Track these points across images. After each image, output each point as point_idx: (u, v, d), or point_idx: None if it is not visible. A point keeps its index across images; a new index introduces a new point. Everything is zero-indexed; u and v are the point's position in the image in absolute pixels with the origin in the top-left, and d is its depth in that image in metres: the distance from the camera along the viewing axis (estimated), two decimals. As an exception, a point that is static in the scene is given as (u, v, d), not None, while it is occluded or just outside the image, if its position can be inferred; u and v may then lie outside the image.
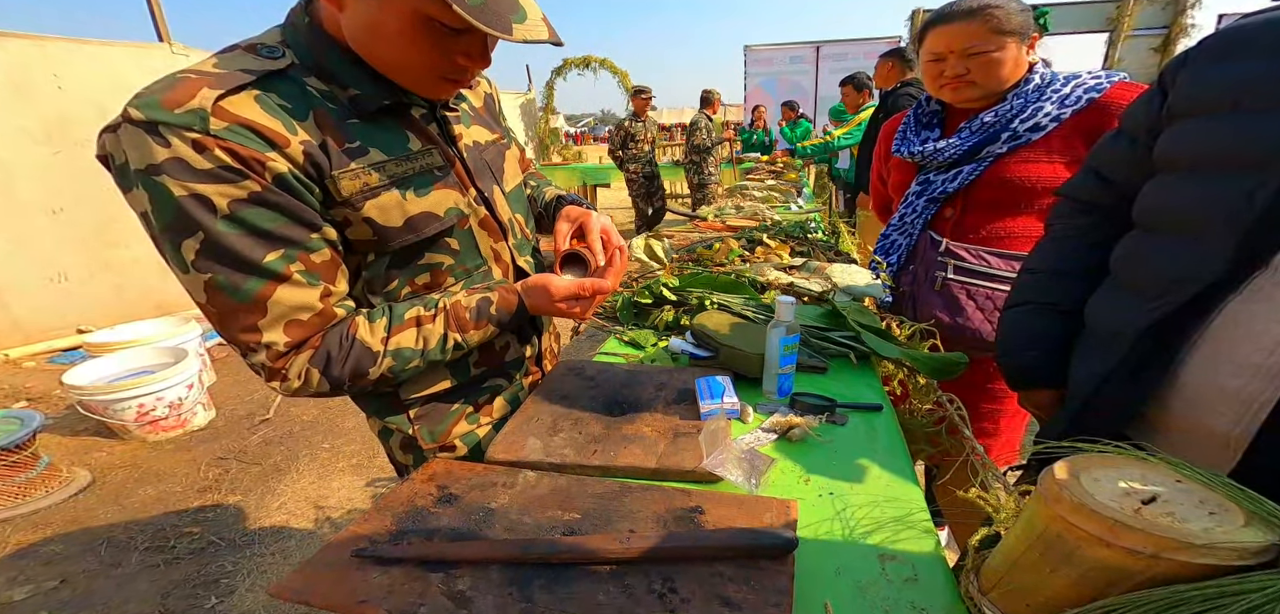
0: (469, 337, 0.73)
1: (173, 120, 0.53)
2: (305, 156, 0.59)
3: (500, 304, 0.74)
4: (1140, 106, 0.74)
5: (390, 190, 0.64)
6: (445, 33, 0.59)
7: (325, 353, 0.65)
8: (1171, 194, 0.65)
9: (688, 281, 1.15)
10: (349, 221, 0.64)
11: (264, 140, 0.56)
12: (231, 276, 0.58)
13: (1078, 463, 0.44)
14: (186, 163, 0.53)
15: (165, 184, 0.53)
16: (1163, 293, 0.62)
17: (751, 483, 0.65)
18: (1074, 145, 1.07)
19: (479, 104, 0.85)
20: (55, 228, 3.53)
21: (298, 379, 0.65)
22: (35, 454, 2.20)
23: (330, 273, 0.64)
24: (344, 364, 0.66)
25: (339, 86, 0.63)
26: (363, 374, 0.67)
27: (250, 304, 0.60)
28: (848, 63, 8.45)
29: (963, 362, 0.88)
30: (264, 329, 0.61)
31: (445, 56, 0.61)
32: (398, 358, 0.69)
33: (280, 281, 0.60)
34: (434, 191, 0.68)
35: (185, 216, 0.55)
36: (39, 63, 3.45)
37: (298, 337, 0.63)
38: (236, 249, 0.57)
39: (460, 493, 0.64)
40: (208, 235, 0.56)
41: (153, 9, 3.86)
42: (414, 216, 0.67)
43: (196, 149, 0.53)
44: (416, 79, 0.63)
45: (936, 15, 1.15)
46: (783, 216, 2.06)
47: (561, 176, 7.15)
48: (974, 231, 1.17)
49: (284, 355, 0.63)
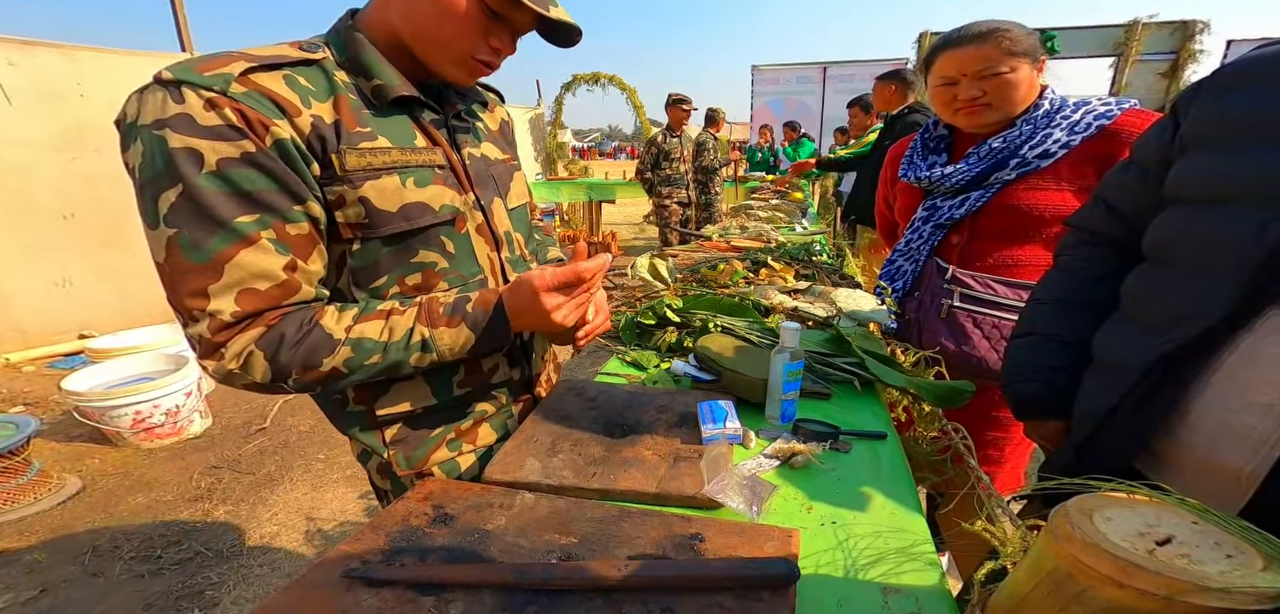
0: (438, 335, 0.67)
1: (198, 81, 0.56)
2: (312, 128, 0.61)
3: (478, 301, 0.69)
4: (1152, 136, 0.74)
5: (391, 175, 0.66)
6: (487, 16, 0.65)
7: (278, 335, 0.61)
8: (1182, 227, 0.64)
9: (691, 303, 1.14)
10: (344, 200, 0.64)
11: (275, 106, 0.59)
12: (195, 233, 0.56)
13: (1090, 501, 0.42)
14: (193, 118, 0.55)
15: (164, 136, 0.55)
16: (1172, 327, 0.61)
17: (753, 510, 0.64)
18: (1083, 173, 1.07)
19: (495, 127, 0.87)
20: (65, 233, 3.57)
21: (235, 360, 0.60)
22: (27, 460, 2.18)
23: (304, 248, 0.62)
24: (295, 348, 0.61)
25: (365, 78, 0.67)
26: (314, 365, 0.62)
27: (206, 264, 0.57)
28: (854, 84, 8.58)
29: (969, 390, 0.87)
30: (214, 294, 0.58)
31: (482, 38, 0.66)
32: (357, 348, 0.64)
33: (246, 244, 0.58)
34: (433, 187, 0.69)
35: (172, 167, 0.55)
36: (65, 72, 3.54)
37: (249, 307, 0.59)
38: (210, 205, 0.56)
39: (456, 513, 0.63)
40: (187, 187, 0.55)
41: (177, 19, 3.95)
42: (409, 204, 0.67)
43: (208, 107, 0.55)
44: (452, 58, 0.67)
45: (946, 39, 1.16)
46: (787, 238, 2.07)
47: (567, 191, 7.20)
48: (980, 259, 1.16)
49: (227, 328, 0.59)
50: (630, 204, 9.89)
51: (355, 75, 0.67)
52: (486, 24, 0.66)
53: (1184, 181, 0.65)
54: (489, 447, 0.82)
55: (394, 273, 0.70)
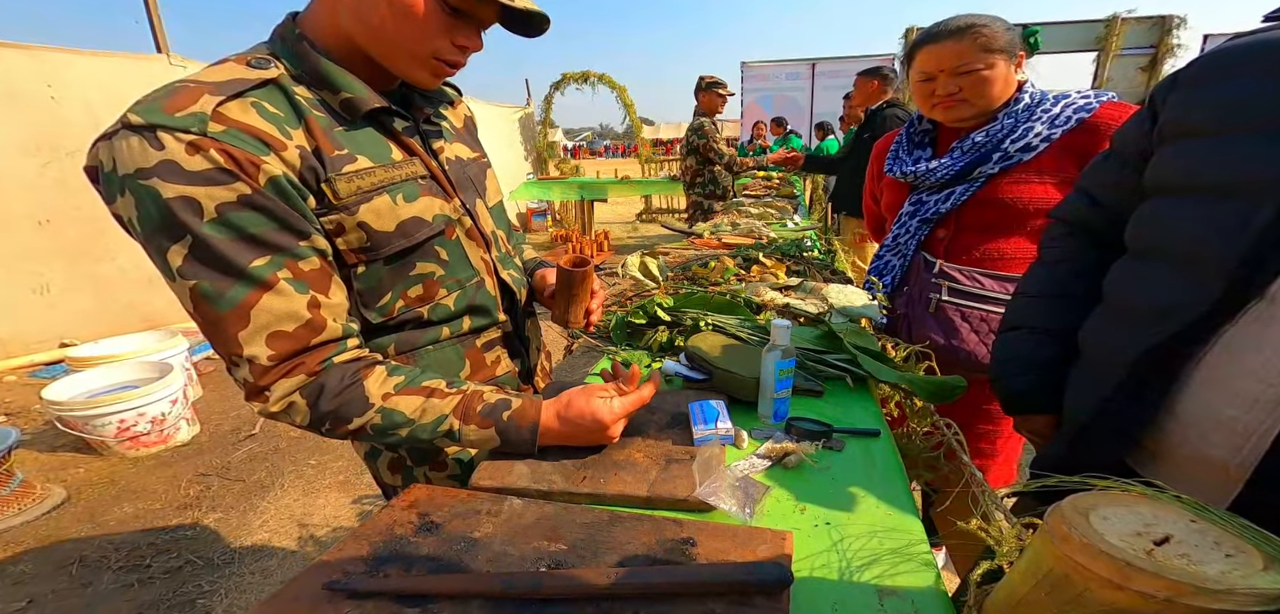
0: (468, 430, 0.67)
1: (172, 124, 0.53)
2: (301, 160, 0.59)
3: (515, 413, 0.68)
4: (1131, 128, 0.74)
5: (382, 194, 0.64)
6: (447, 12, 0.61)
7: (320, 386, 0.62)
8: (1163, 219, 0.64)
9: (682, 302, 1.13)
10: (343, 228, 0.63)
11: (260, 142, 0.56)
12: (216, 283, 0.56)
13: (1086, 500, 0.42)
14: (178, 165, 0.53)
15: (154, 187, 0.52)
16: (1156, 321, 0.61)
17: (745, 512, 0.63)
18: (1065, 165, 1.07)
19: (459, 124, 0.85)
20: (41, 239, 3.48)
21: (279, 404, 0.61)
22: (9, 471, 2.14)
23: (321, 282, 0.61)
24: (334, 399, 0.62)
25: (330, 92, 0.63)
26: (345, 420, 0.63)
27: (232, 313, 0.57)
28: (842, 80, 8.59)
29: (960, 385, 0.86)
30: (246, 342, 0.58)
31: (445, 37, 0.63)
32: (386, 419, 0.64)
33: (265, 289, 0.58)
34: (421, 198, 0.68)
35: (172, 220, 0.53)
36: (33, 73, 3.43)
37: (281, 350, 0.60)
38: (222, 253, 0.55)
39: (442, 521, 0.61)
40: (195, 239, 0.54)
41: (152, 20, 3.87)
42: (405, 221, 0.66)
43: (191, 151, 0.53)
44: (415, 60, 0.64)
45: (925, 35, 1.16)
46: (778, 234, 2.06)
47: (558, 190, 7.16)
48: (967, 253, 1.17)
49: (268, 371, 0.60)
50: (622, 202, 9.88)
51: (317, 89, 0.63)
52: (448, 22, 0.62)
53: (1164, 173, 0.65)
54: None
55: (397, 289, 0.70)
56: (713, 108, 3.80)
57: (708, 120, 3.78)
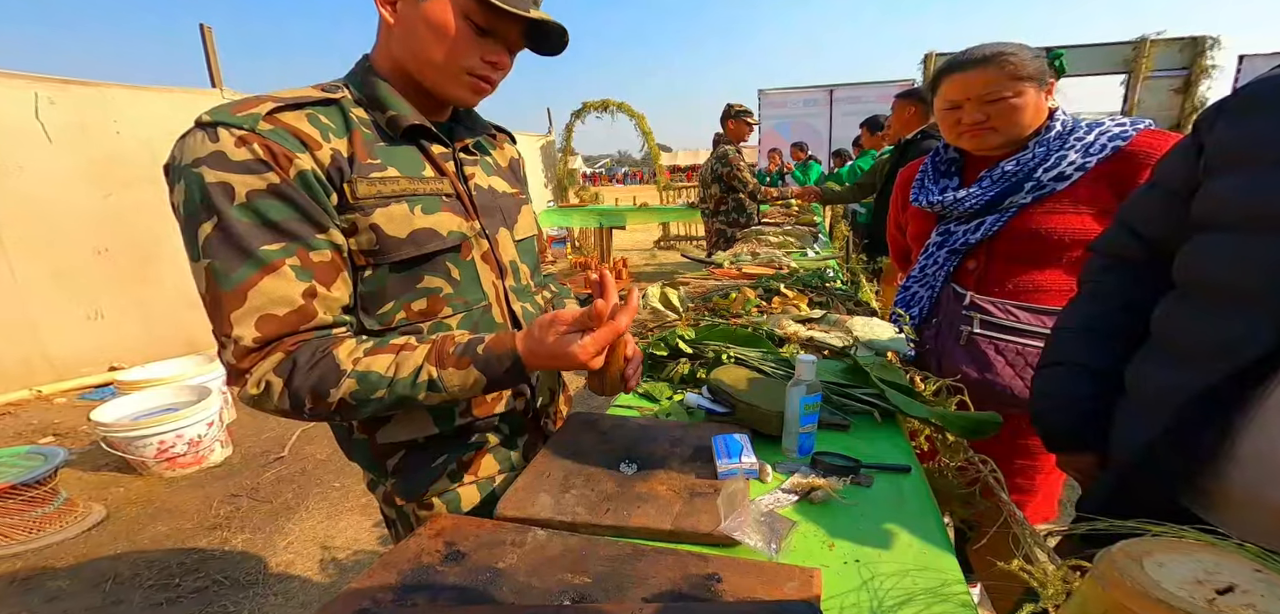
0: (447, 375, 0.65)
1: (230, 121, 0.61)
2: (331, 160, 0.65)
3: (492, 344, 0.67)
4: (1175, 159, 0.72)
5: (400, 202, 0.69)
6: (475, 31, 0.69)
7: (292, 361, 0.63)
8: (1214, 255, 0.62)
9: (704, 334, 1.13)
10: (356, 228, 0.67)
11: (298, 141, 0.63)
12: (226, 262, 0.60)
13: (1139, 546, 0.40)
14: (225, 154, 0.60)
15: (201, 173, 0.59)
16: (1210, 361, 0.59)
17: (771, 548, 0.61)
18: (1101, 195, 1.04)
19: (504, 163, 0.90)
20: (98, 267, 3.70)
21: (257, 386, 0.62)
22: (54, 490, 2.23)
23: (326, 274, 0.65)
24: (307, 375, 0.62)
25: (379, 111, 0.71)
26: (324, 395, 0.63)
27: (232, 292, 0.61)
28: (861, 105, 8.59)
29: (996, 422, 0.84)
30: (237, 322, 0.61)
31: (474, 54, 0.70)
32: (363, 382, 0.63)
33: (268, 271, 0.61)
34: (440, 213, 0.72)
35: (208, 201, 0.59)
36: (100, 109, 3.70)
37: (267, 333, 0.62)
38: (240, 235, 0.60)
39: (468, 550, 0.62)
40: (221, 220, 0.60)
41: (208, 57, 4.15)
42: (418, 230, 0.70)
43: (239, 143, 0.60)
44: (451, 76, 0.70)
45: (950, 63, 1.16)
46: (799, 264, 2.05)
47: (578, 218, 7.28)
48: (1000, 285, 1.14)
49: (250, 353, 0.62)
50: (641, 230, 9.97)
51: (371, 110, 0.71)
52: (477, 40, 0.70)
53: (1214, 207, 0.63)
54: (491, 477, 0.82)
55: (400, 299, 0.71)
56: (739, 136, 3.81)
57: (733, 148, 3.77)
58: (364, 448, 0.78)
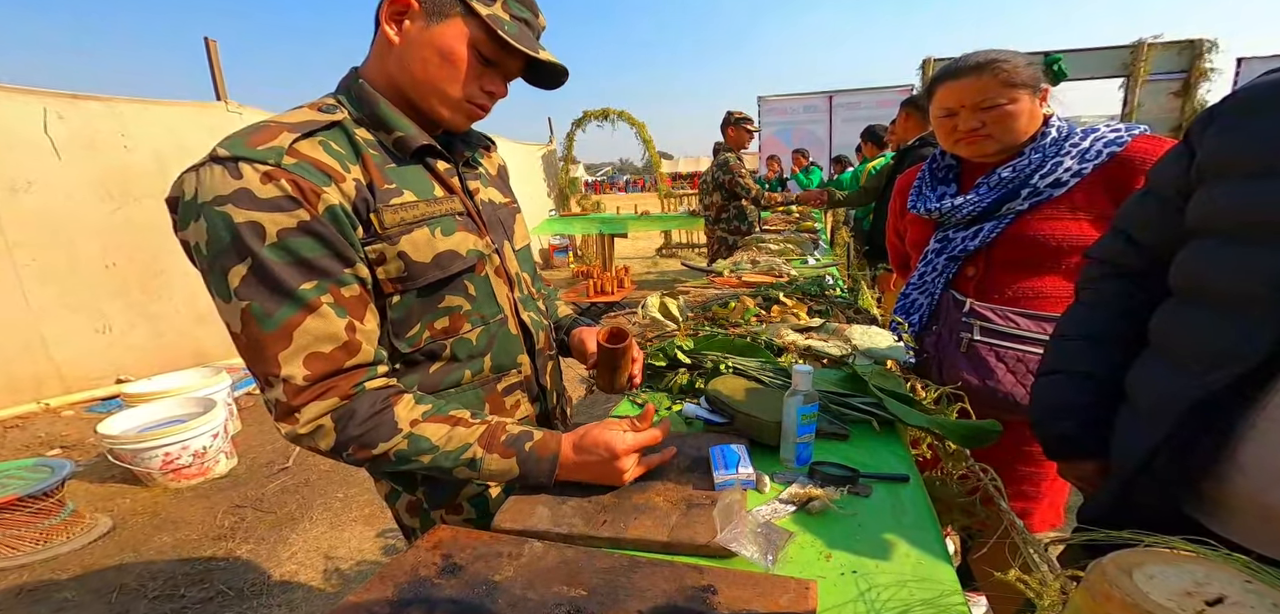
0: (489, 460, 0.69)
1: (252, 156, 0.60)
2: (356, 192, 0.65)
3: (537, 445, 0.70)
4: (1168, 165, 0.72)
5: (422, 227, 0.69)
6: (481, 62, 0.70)
7: (350, 412, 0.64)
8: (1210, 262, 0.62)
9: (702, 344, 1.13)
10: (384, 257, 0.67)
11: (323, 174, 0.63)
12: (265, 304, 0.60)
13: (1130, 557, 0.40)
14: (252, 192, 0.58)
15: (227, 213, 0.58)
16: (1208, 368, 0.59)
17: (768, 559, 0.61)
18: (1098, 201, 1.05)
19: (493, 171, 0.91)
20: (107, 281, 3.73)
21: (309, 425, 0.63)
22: (61, 501, 2.25)
23: (357, 309, 0.65)
24: (363, 424, 0.64)
25: (385, 132, 0.71)
26: (372, 445, 0.65)
27: (277, 333, 0.60)
28: (860, 111, 8.62)
29: (996, 430, 0.83)
30: (284, 361, 0.61)
31: (476, 83, 0.71)
32: (413, 445, 0.66)
33: (310, 312, 0.61)
34: (458, 233, 0.73)
35: (239, 242, 0.58)
36: (109, 123, 3.75)
37: (317, 371, 0.62)
38: (277, 276, 0.59)
39: (464, 563, 0.62)
40: (255, 261, 0.59)
41: (213, 70, 4.21)
42: (441, 253, 0.70)
43: (266, 180, 0.59)
44: (450, 103, 0.71)
45: (945, 70, 1.16)
46: (799, 270, 2.05)
47: (579, 226, 7.31)
48: (999, 291, 1.14)
49: (301, 391, 0.62)
50: (643, 238, 9.99)
51: (375, 130, 0.71)
52: (480, 69, 0.71)
53: (1208, 213, 0.63)
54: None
55: (424, 320, 0.72)
56: (740, 143, 3.83)
57: (733, 155, 3.79)
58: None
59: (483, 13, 0.67)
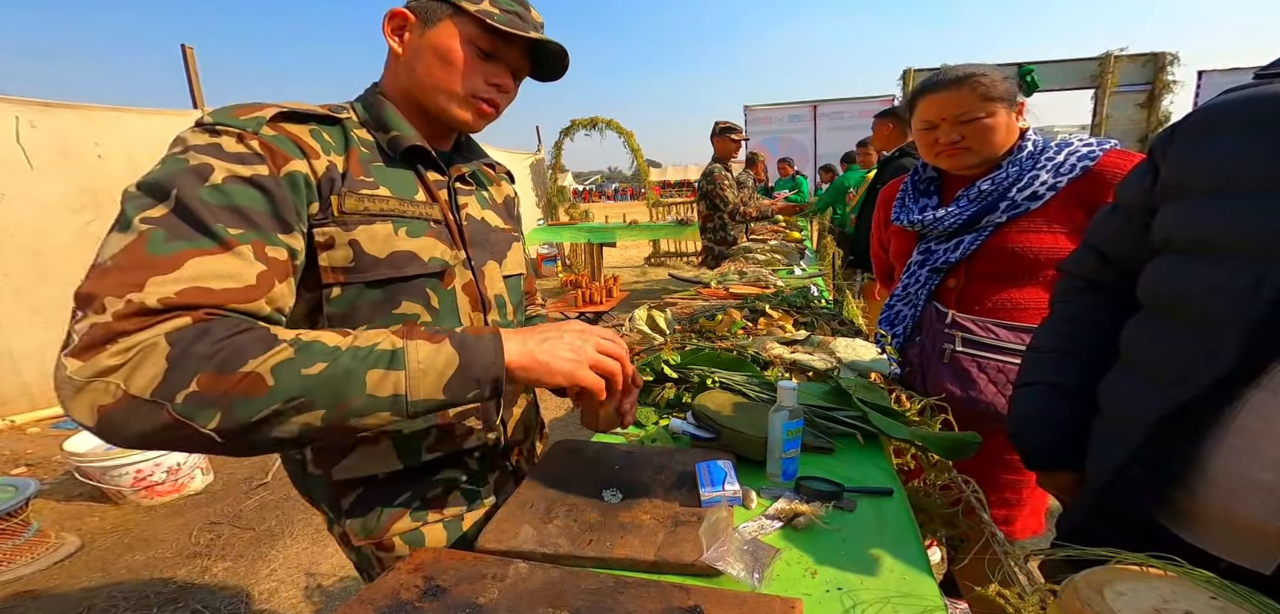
0: (414, 346, 0.54)
1: (232, 123, 0.59)
2: (325, 172, 0.64)
3: (471, 330, 0.59)
4: (1134, 181, 0.75)
5: (385, 222, 0.68)
6: (480, 56, 0.72)
7: (202, 330, 0.47)
8: (1173, 277, 0.64)
9: (689, 358, 1.13)
10: (333, 242, 0.65)
11: (298, 148, 0.62)
12: (171, 232, 0.49)
13: (1101, 575, 0.41)
14: (220, 147, 0.57)
15: (183, 157, 0.55)
16: (1175, 382, 0.60)
17: (754, 577, 0.61)
18: (1072, 214, 1.08)
19: (500, 200, 0.91)
20: (79, 293, 3.62)
21: (119, 355, 0.44)
22: (25, 520, 2.17)
23: (277, 271, 0.56)
24: (216, 347, 0.46)
25: (381, 132, 0.72)
26: (231, 369, 0.46)
27: (162, 258, 0.48)
28: (844, 121, 8.78)
29: (975, 442, 0.85)
30: (145, 284, 0.46)
31: (479, 77, 0.73)
32: (303, 352, 0.49)
33: (223, 249, 0.51)
34: (425, 238, 0.71)
35: (173, 179, 0.52)
36: (83, 133, 3.62)
37: (185, 301, 0.48)
38: (199, 214, 0.51)
39: (448, 585, 0.61)
40: (181, 198, 0.51)
41: (190, 78, 4.13)
42: (398, 252, 0.69)
43: (237, 140, 0.58)
44: (457, 100, 0.73)
45: (925, 84, 1.19)
46: (785, 282, 2.07)
47: (568, 236, 7.30)
48: (979, 303, 1.16)
49: (139, 316, 0.45)
50: (632, 247, 10.01)
51: (375, 131, 0.73)
52: (480, 64, 0.72)
53: (1172, 230, 0.65)
54: (459, 516, 0.79)
55: (375, 322, 0.68)
56: (727, 152, 3.84)
57: (719, 166, 3.82)
58: (320, 485, 0.74)
59: (470, 9, 0.70)
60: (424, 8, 0.72)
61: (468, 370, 0.56)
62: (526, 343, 0.61)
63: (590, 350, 0.63)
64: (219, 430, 0.47)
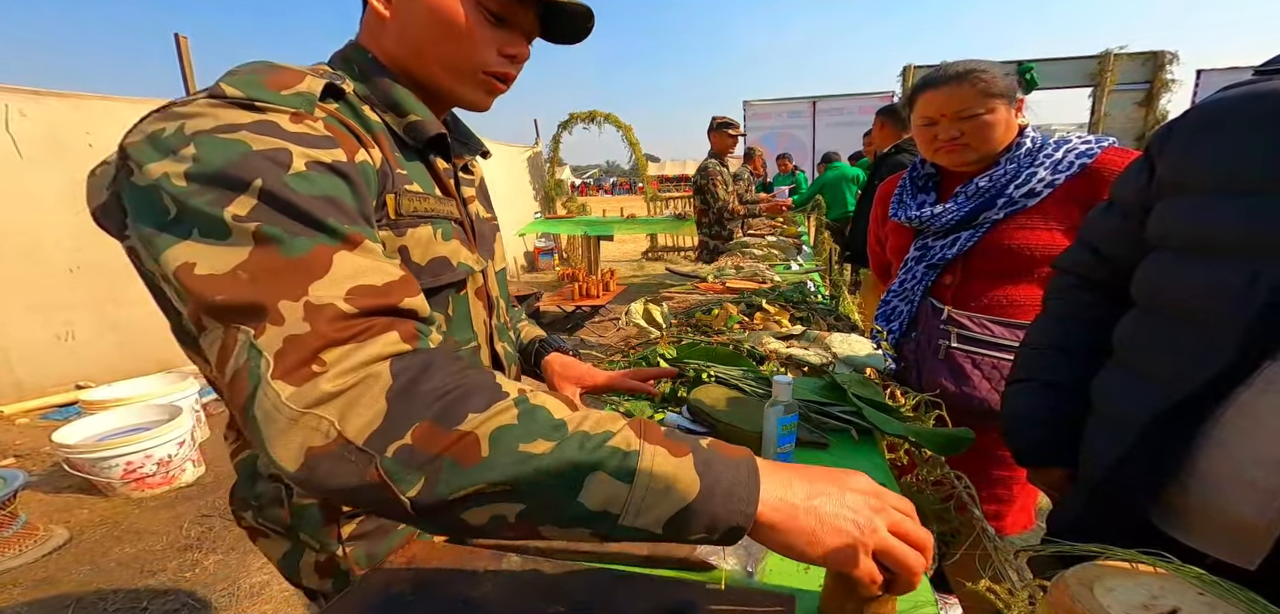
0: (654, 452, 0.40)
1: (277, 100, 0.46)
2: (382, 161, 0.55)
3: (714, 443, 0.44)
4: (1130, 179, 0.75)
5: (426, 224, 0.60)
6: (488, 20, 0.59)
7: (425, 361, 0.40)
8: (1167, 276, 0.64)
9: (685, 352, 1.13)
10: (384, 247, 0.52)
11: (354, 135, 0.52)
12: (288, 228, 0.40)
13: (1091, 571, 0.41)
14: (278, 125, 0.45)
15: (241, 139, 0.42)
16: (1170, 380, 0.61)
17: (748, 570, 0.62)
18: (1069, 211, 1.08)
19: (478, 183, 0.85)
20: (70, 286, 3.56)
21: (344, 377, 0.37)
22: (13, 513, 2.14)
23: None
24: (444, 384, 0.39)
25: (397, 115, 0.60)
26: (451, 421, 0.38)
27: (306, 258, 0.40)
28: (843, 117, 8.78)
29: (968, 438, 0.85)
30: (316, 288, 0.39)
31: (490, 48, 0.60)
32: (529, 418, 0.39)
33: (350, 246, 0.43)
34: (454, 242, 0.64)
35: (249, 165, 0.40)
36: (74, 122, 3.56)
37: (365, 305, 0.40)
38: (301, 205, 0.41)
39: (440, 580, 0.61)
40: (267, 185, 0.40)
41: (184, 68, 4.06)
42: (436, 259, 0.61)
43: (294, 119, 0.46)
44: (465, 76, 0.61)
45: (925, 80, 1.19)
46: (782, 276, 2.07)
47: (566, 229, 7.28)
48: (975, 299, 1.16)
49: (346, 320, 0.39)
50: (629, 241, 9.99)
51: (382, 111, 0.60)
52: (492, 32, 0.60)
53: (1167, 228, 0.65)
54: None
55: None
56: (724, 148, 3.80)
57: (715, 162, 3.81)
58: (310, 514, 0.64)
59: None
60: None
61: (706, 503, 0.40)
62: (791, 489, 0.42)
63: (880, 527, 0.42)
64: (416, 502, 0.37)
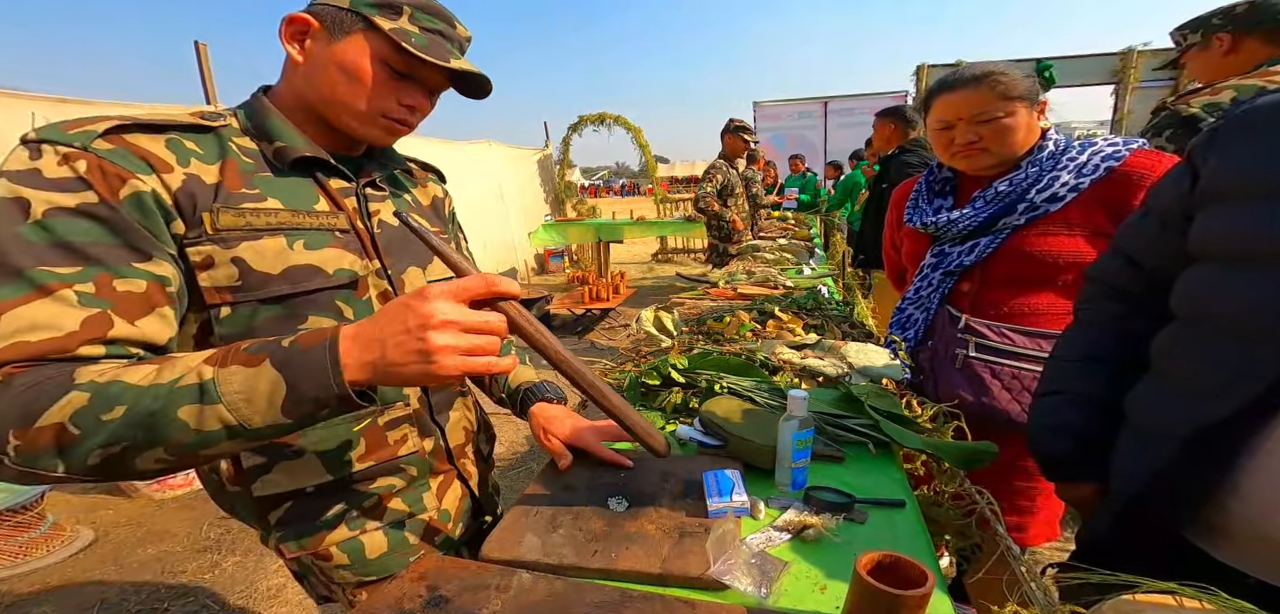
0: (227, 374, 0.48)
1: (58, 138, 0.53)
2: (182, 186, 0.58)
3: (304, 336, 0.50)
4: (1169, 185, 0.71)
5: (275, 236, 0.63)
6: (393, 76, 0.67)
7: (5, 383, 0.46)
8: (1212, 288, 0.61)
9: (697, 362, 1.12)
10: (212, 261, 0.60)
11: (142, 163, 0.56)
12: None
13: (1129, 606, 0.39)
14: (39, 172, 0.51)
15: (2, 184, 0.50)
16: (1211, 395, 0.58)
17: (761, 591, 0.60)
18: (1094, 216, 1.04)
19: (426, 202, 0.86)
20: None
21: None
22: (41, 514, 2.20)
23: (133, 307, 0.53)
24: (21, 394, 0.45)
25: (266, 141, 0.67)
26: (31, 418, 0.45)
27: None
28: (855, 117, 8.68)
29: (991, 452, 0.83)
30: None
31: (391, 98, 0.68)
32: (97, 395, 0.46)
33: (41, 294, 0.48)
34: (328, 249, 0.67)
35: None
36: None
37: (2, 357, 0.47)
38: (14, 255, 0.48)
39: (451, 595, 0.60)
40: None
41: (203, 75, 4.15)
42: (294, 266, 0.64)
43: (61, 162, 0.52)
44: (361, 119, 0.68)
45: (941, 83, 1.16)
46: (794, 281, 2.04)
47: (576, 232, 7.30)
48: (995, 307, 1.13)
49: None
50: (639, 243, 9.98)
51: (259, 140, 0.67)
52: (394, 84, 0.68)
53: (1211, 237, 0.62)
54: (400, 520, 0.76)
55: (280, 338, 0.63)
56: (736, 151, 3.79)
57: (724, 163, 3.80)
58: (242, 501, 0.70)
59: (386, 27, 0.64)
60: (333, 17, 0.65)
61: (297, 392, 0.48)
62: (369, 345, 0.50)
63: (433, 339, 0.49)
64: (70, 472, 0.47)
